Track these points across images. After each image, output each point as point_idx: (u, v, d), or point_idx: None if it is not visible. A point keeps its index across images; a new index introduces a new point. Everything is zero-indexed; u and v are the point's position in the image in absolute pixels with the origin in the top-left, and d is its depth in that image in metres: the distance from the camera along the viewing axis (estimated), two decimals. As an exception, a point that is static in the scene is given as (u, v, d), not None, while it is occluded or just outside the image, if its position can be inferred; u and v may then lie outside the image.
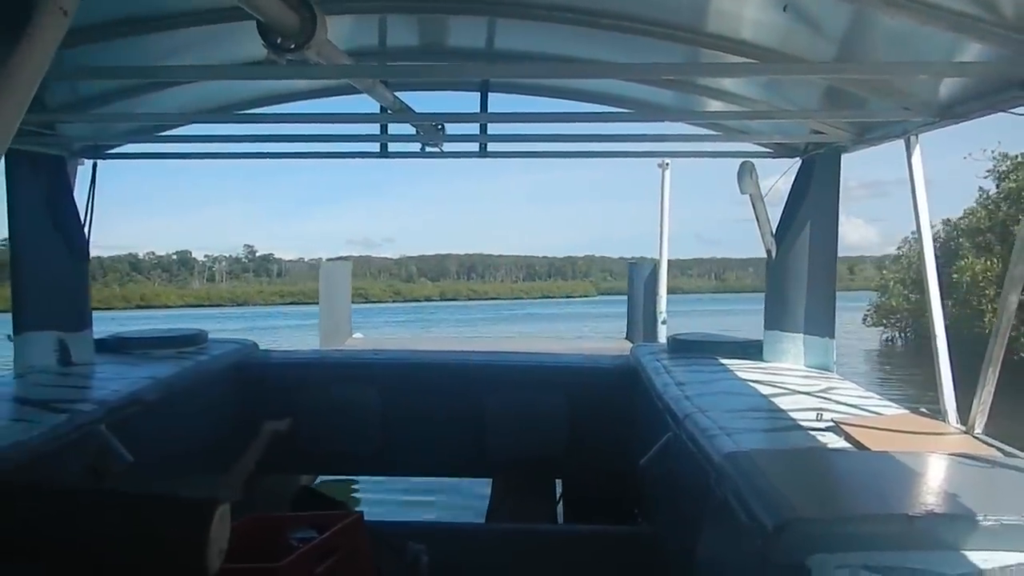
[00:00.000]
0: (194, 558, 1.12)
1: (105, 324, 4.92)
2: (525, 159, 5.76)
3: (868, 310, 30.91)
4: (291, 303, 70.28)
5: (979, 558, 2.11)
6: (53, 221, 5.06)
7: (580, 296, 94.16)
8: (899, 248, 30.69)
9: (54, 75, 1.69)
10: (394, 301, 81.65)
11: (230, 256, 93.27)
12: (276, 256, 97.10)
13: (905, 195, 4.11)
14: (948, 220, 26.21)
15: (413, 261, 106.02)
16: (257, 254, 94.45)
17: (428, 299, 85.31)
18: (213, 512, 1.08)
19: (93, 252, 5.42)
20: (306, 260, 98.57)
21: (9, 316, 4.90)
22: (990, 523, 2.19)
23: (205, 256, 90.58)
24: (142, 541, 1.19)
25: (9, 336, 4.92)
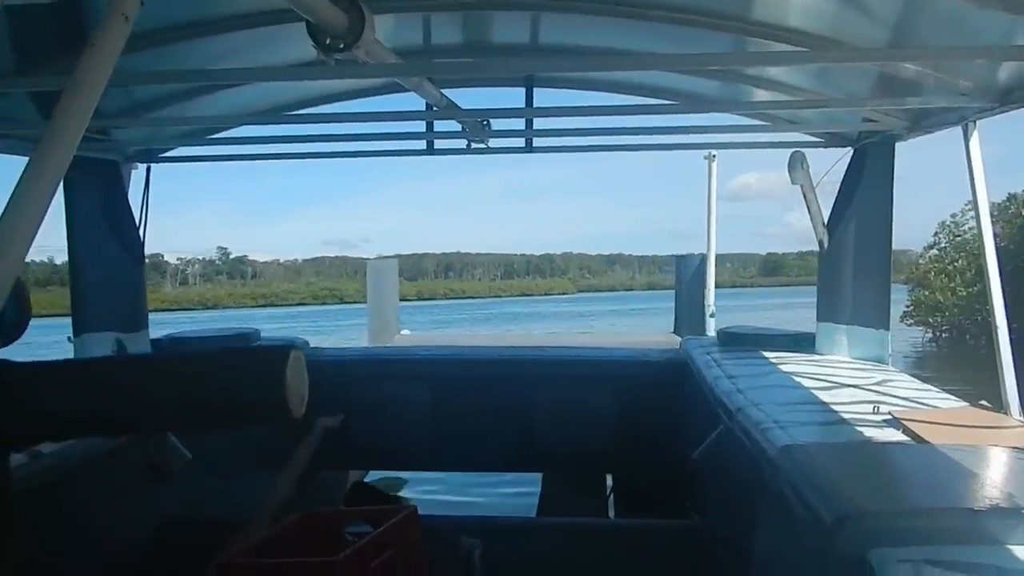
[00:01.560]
0: (275, 399, 1.14)
1: (63, 331, 5.01)
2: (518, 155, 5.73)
3: (907, 306, 27.92)
4: (263, 305, 69.88)
5: None
6: (109, 225, 5.18)
7: (559, 293, 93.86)
8: (936, 235, 28.70)
9: (110, 81, 1.74)
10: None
11: (203, 258, 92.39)
12: (250, 258, 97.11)
13: (902, 188, 3.98)
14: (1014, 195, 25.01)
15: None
16: (231, 256, 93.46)
17: (405, 299, 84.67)
18: (286, 356, 1.11)
19: (56, 256, 5.55)
20: (281, 262, 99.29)
21: (68, 319, 5.03)
22: None
23: (178, 259, 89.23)
24: (222, 388, 1.22)
25: (69, 338, 5.05)
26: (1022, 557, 2.05)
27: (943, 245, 28.29)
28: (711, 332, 12.51)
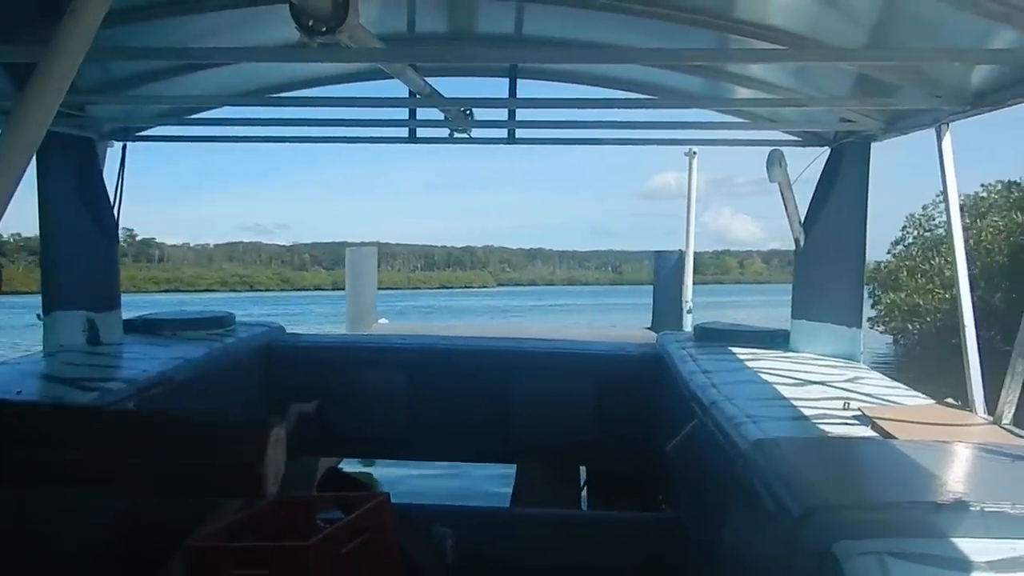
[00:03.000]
0: (251, 480, 1.14)
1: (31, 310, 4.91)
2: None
3: (877, 309, 24.31)
4: (167, 291, 66.54)
5: (1006, 546, 2.10)
6: (83, 202, 5.11)
7: (479, 287, 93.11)
8: (903, 229, 25.35)
9: (87, 55, 1.71)
10: (281, 290, 78.32)
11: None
12: (159, 241, 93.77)
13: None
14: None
15: (307, 248, 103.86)
16: (137, 238, 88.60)
17: (319, 288, 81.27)
18: (268, 435, 1.10)
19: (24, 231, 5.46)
20: (192, 245, 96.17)
21: (39, 297, 4.97)
22: (1018, 511, 2.18)
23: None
24: (200, 463, 1.20)
25: (39, 315, 4.98)
26: (983, 549, 2.09)
27: (909, 241, 25.37)
28: (688, 328, 12.59)
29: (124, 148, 5.47)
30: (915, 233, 25.42)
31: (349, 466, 7.02)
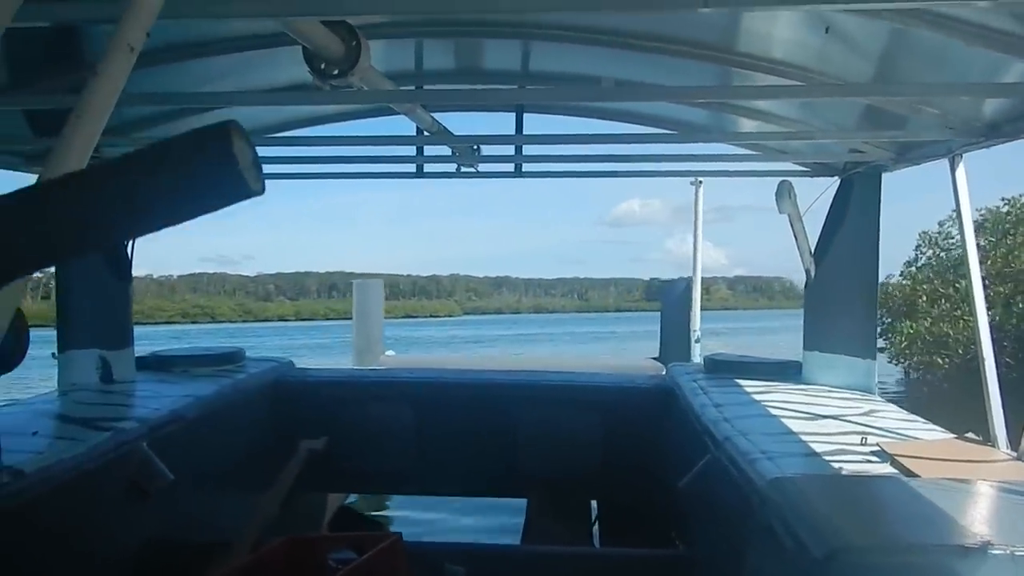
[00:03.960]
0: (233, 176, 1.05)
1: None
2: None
3: (900, 342, 20.37)
4: None
5: None
6: None
7: (446, 315, 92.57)
8: (917, 248, 21.86)
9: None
10: (244, 321, 76.80)
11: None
12: None
13: (749, 220, 3.99)
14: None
15: (271, 279, 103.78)
16: None
17: (283, 318, 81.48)
18: (228, 131, 1.01)
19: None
20: (155, 277, 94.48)
21: (53, 332, 4.98)
22: None
23: (41, 272, 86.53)
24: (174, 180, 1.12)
25: (53, 354, 5.00)
26: None
27: (922, 262, 21.86)
28: (696, 358, 12.51)
29: None
30: (930, 252, 21.98)
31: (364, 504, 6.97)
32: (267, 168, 5.70)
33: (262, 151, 5.86)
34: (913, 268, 22.29)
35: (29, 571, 3.19)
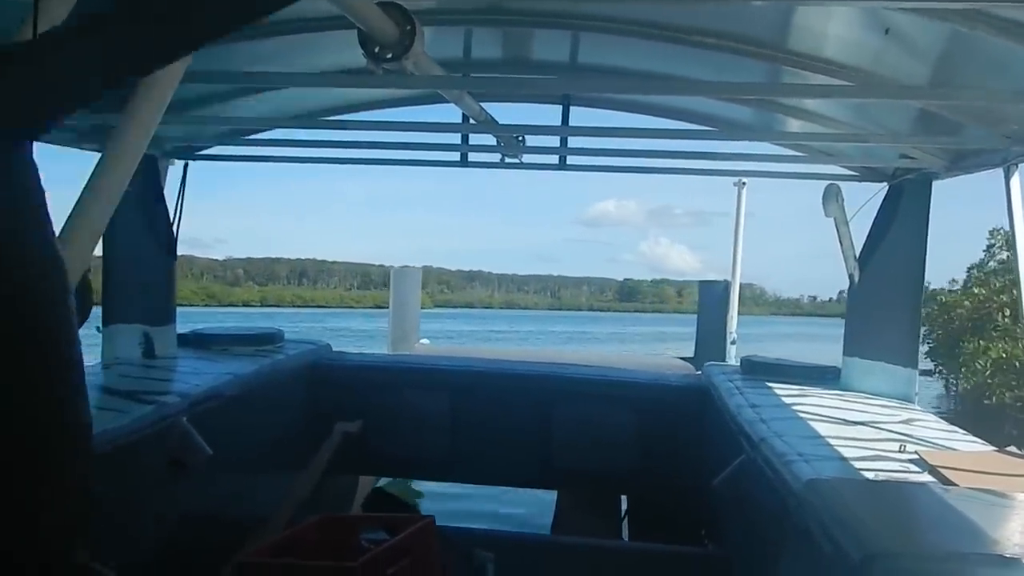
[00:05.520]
0: None
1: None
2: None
3: (973, 366, 16.37)
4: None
5: None
6: (144, 219, 5.23)
7: None
8: (988, 250, 18.72)
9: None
10: (206, 306, 73.41)
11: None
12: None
13: (725, 225, 3.93)
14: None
15: (241, 263, 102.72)
16: None
17: (247, 304, 79.40)
18: None
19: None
20: None
21: (98, 307, 5.08)
22: None
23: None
24: None
25: (98, 327, 5.09)
26: None
27: (991, 267, 18.53)
28: (732, 359, 12.41)
29: (186, 166, 5.58)
30: (1006, 256, 17.22)
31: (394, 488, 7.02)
32: (317, 152, 5.78)
33: (307, 134, 5.91)
34: (980, 274, 18.92)
35: None
